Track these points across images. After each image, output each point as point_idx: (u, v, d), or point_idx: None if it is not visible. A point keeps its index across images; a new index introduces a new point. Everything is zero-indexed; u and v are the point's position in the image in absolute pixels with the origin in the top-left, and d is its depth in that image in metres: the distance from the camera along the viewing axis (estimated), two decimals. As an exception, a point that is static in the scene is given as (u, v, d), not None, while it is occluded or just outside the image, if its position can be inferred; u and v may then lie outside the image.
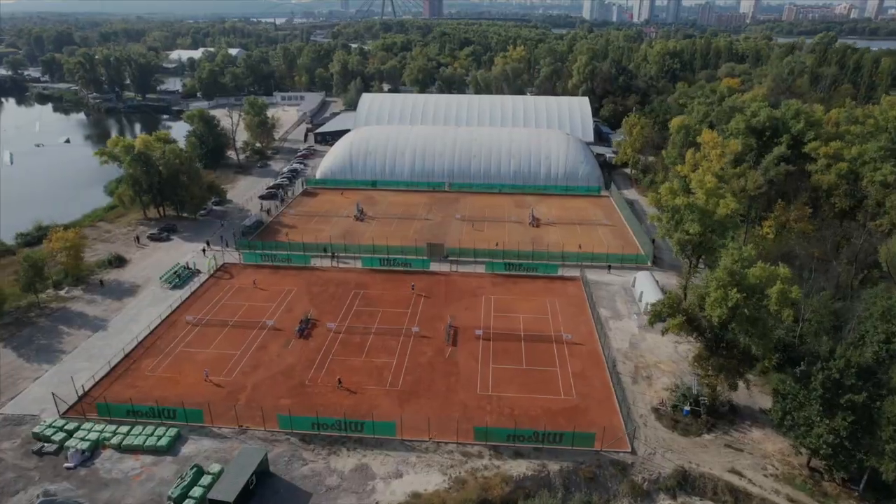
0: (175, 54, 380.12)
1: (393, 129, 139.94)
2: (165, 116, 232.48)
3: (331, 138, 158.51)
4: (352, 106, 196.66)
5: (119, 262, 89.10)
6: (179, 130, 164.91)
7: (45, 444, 51.91)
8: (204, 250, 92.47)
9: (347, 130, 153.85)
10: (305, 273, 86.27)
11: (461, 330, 70.60)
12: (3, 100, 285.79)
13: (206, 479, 47.22)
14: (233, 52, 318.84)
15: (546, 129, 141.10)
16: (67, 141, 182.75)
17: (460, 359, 65.08)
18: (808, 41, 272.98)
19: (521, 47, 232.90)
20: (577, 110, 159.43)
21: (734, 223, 70.70)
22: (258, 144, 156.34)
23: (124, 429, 53.10)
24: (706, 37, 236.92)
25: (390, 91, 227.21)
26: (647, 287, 77.45)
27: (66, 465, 49.90)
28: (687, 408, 55.95)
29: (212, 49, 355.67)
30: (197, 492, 46.00)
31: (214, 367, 63.16)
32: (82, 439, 51.80)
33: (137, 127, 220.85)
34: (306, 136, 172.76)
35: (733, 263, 51.47)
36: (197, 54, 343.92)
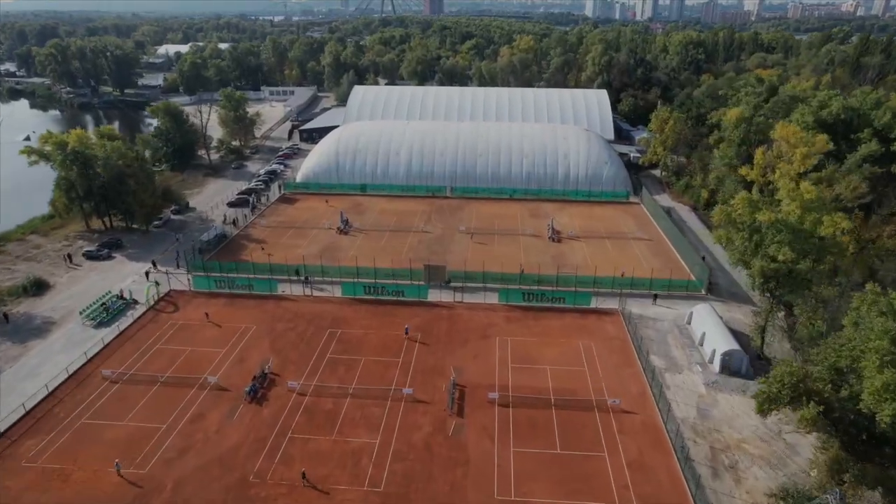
0: (162, 49, 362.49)
1: (386, 124, 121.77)
2: (145, 113, 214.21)
3: (318, 136, 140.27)
4: (344, 101, 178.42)
5: (38, 288, 71.00)
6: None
7: None
8: (147, 273, 74.32)
9: (337, 127, 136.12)
10: (270, 304, 68.11)
11: (469, 390, 52.49)
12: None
13: None
14: (223, 46, 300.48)
15: (562, 125, 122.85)
16: (27, 139, 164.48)
17: (469, 438, 46.92)
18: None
19: (529, 37, 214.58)
20: (594, 104, 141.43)
21: (840, 247, 52.37)
22: (235, 143, 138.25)
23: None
24: (728, 28, 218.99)
25: (388, 85, 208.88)
26: (709, 327, 59.34)
27: None
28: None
29: (201, 44, 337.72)
30: None
31: (127, 451, 45.10)
32: None
33: (116, 125, 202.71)
34: (291, 133, 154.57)
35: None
36: (185, 49, 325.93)
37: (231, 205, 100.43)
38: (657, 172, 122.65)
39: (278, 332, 62.28)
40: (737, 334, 59.47)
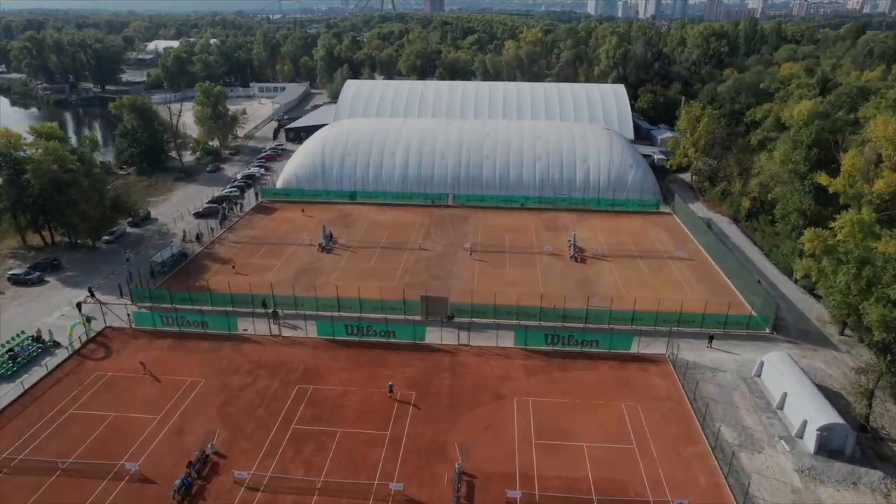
0: (152, 45, 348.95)
1: (380, 122, 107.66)
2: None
3: (305, 135, 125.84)
4: (337, 97, 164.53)
5: (-61, 326, 57.13)
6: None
7: None
8: (80, 305, 60.37)
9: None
10: (227, 348, 54.12)
11: (480, 483, 38.52)
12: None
13: None
14: (215, 41, 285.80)
15: (579, 123, 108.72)
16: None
17: (482, 569, 32.97)
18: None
19: (537, 29, 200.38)
20: (610, 100, 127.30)
21: None
22: (212, 143, 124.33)
23: None
24: (750, 19, 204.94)
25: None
26: (791, 384, 45.34)
27: None
28: None
29: (192, 39, 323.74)
30: None
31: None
32: None
33: (97, 124, 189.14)
34: (276, 132, 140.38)
35: None
36: (175, 44, 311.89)
37: (198, 215, 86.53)
38: (685, 176, 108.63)
39: (233, 388, 48.30)
40: (828, 394, 45.45)
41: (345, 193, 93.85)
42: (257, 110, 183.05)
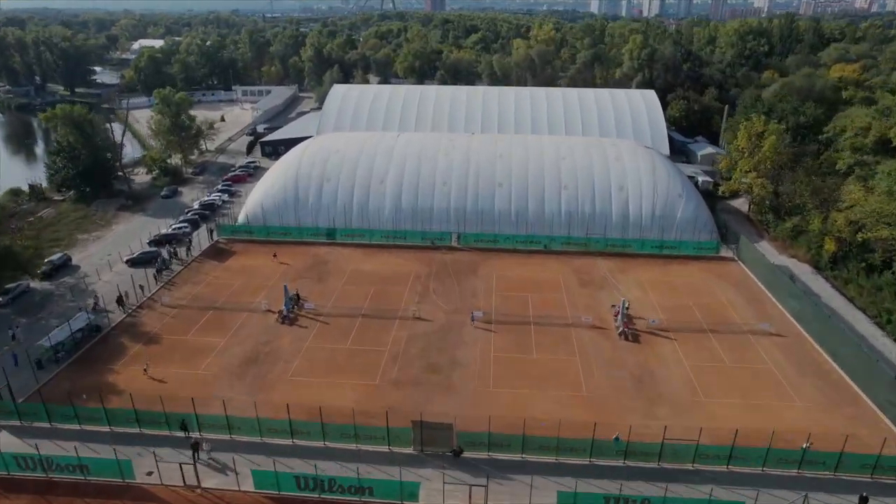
0: (137, 44, 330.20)
1: (369, 137, 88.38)
2: (112, 116, 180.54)
3: (284, 149, 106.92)
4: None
5: None
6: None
7: None
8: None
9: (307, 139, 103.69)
10: (112, 512, 35.20)
11: None
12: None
13: None
14: (196, 41, 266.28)
15: (612, 140, 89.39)
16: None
17: None
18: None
19: (550, 25, 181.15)
20: (640, 108, 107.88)
21: None
22: (172, 159, 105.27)
23: None
24: (787, 14, 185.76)
25: (380, 84, 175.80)
26: None
27: None
28: None
29: (179, 38, 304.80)
30: None
31: None
32: None
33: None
34: (251, 146, 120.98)
35: None
36: (160, 43, 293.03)
37: (132, 263, 67.46)
38: (738, 203, 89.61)
39: None
40: None
41: (321, 231, 74.69)
42: (238, 117, 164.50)
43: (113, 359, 49.58)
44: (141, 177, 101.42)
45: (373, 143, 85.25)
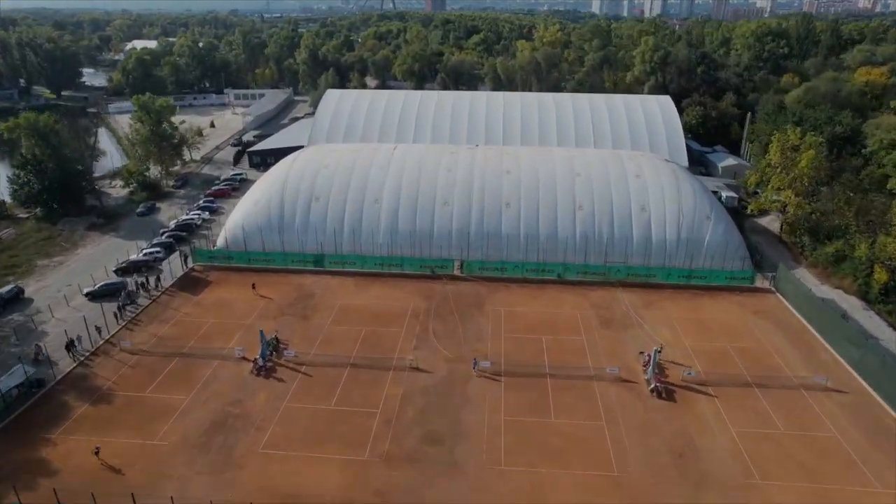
0: (130, 45, 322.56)
1: (363, 150, 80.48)
2: (95, 121, 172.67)
3: (274, 160, 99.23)
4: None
5: None
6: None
7: None
8: None
9: (299, 149, 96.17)
10: None
11: None
12: None
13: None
14: (186, 42, 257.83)
15: (630, 153, 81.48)
16: None
17: None
18: None
19: (556, 26, 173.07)
20: (656, 115, 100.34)
21: None
22: (151, 172, 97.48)
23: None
24: (805, 14, 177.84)
25: (377, 88, 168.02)
26: None
27: None
28: None
29: (172, 39, 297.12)
30: None
31: None
32: None
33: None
34: (238, 157, 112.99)
35: None
36: (154, 44, 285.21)
37: (92, 296, 59.68)
38: (766, 222, 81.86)
39: None
40: None
41: (308, 258, 66.82)
42: (229, 122, 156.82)
43: (51, 424, 41.79)
44: (118, 190, 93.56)
45: (367, 156, 77.41)
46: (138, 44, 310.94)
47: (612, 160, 76.10)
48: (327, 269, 65.97)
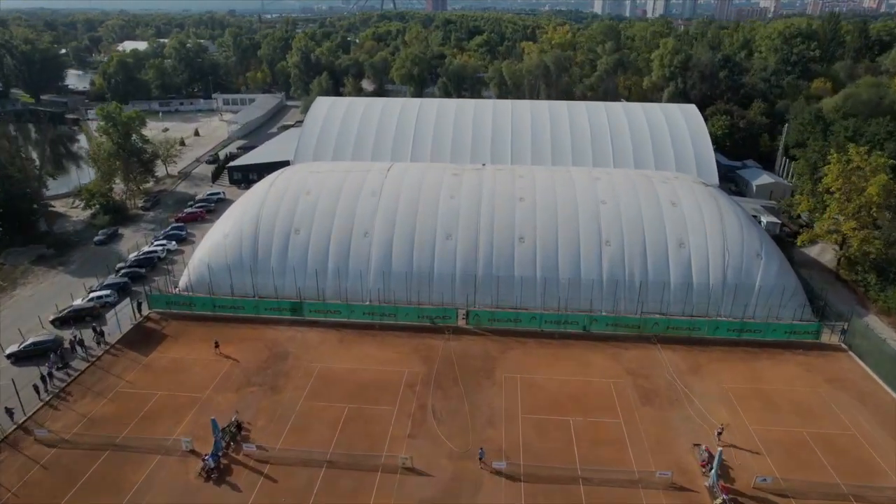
0: (120, 47, 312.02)
1: (353, 169, 69.72)
2: (76, 127, 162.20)
3: (257, 177, 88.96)
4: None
5: None
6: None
7: None
8: None
9: (285, 165, 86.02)
10: None
11: None
12: None
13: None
14: (172, 43, 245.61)
15: (661, 174, 70.56)
16: None
17: None
18: None
19: (566, 27, 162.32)
20: (681, 126, 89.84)
21: None
22: (116, 191, 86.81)
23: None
24: (832, 14, 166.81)
25: (374, 93, 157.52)
26: None
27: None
28: None
29: (164, 40, 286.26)
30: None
31: None
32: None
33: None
34: (217, 173, 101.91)
35: None
36: (143, 46, 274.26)
37: (16, 358, 49.00)
38: (816, 252, 71.13)
39: None
40: None
41: (285, 305, 56.09)
42: (216, 130, 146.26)
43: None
44: (77, 215, 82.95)
45: (357, 178, 66.69)
46: (130, 45, 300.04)
47: (641, 183, 65.35)
48: (306, 318, 55.23)
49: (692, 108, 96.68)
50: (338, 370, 47.84)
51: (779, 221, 76.33)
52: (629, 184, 65.12)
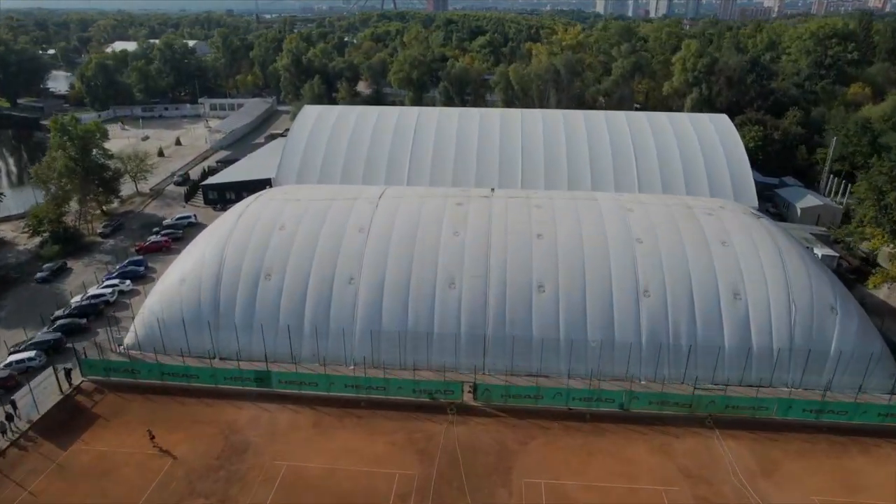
0: (109, 48, 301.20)
1: (338, 196, 58.68)
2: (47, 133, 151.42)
3: (235, 198, 78.05)
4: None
5: None
6: None
7: None
8: None
9: (268, 183, 76.25)
10: None
11: None
12: None
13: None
14: (190, 44, 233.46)
15: (703, 202, 59.43)
16: None
17: None
18: None
19: (577, 27, 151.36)
20: (713, 140, 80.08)
21: None
22: (72, 218, 75.98)
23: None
24: (864, 13, 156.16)
25: (371, 97, 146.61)
26: None
27: None
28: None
29: (155, 41, 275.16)
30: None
31: None
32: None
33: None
34: (189, 193, 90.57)
35: None
36: (132, 46, 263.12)
37: None
38: (882, 291, 60.25)
39: None
40: None
41: (248, 374, 45.20)
42: (200, 138, 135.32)
43: None
44: (23, 244, 72.21)
45: (342, 208, 55.91)
46: (120, 45, 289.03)
47: (681, 215, 54.45)
48: (275, 390, 44.41)
49: (724, 119, 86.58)
50: (310, 473, 37.01)
51: (836, 254, 65.41)
52: (667, 216, 54.22)
